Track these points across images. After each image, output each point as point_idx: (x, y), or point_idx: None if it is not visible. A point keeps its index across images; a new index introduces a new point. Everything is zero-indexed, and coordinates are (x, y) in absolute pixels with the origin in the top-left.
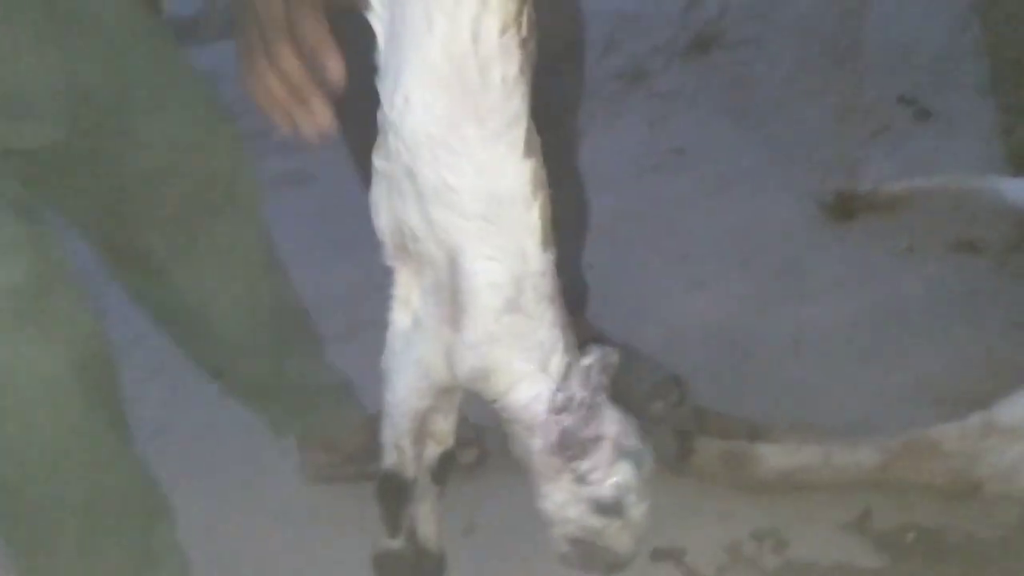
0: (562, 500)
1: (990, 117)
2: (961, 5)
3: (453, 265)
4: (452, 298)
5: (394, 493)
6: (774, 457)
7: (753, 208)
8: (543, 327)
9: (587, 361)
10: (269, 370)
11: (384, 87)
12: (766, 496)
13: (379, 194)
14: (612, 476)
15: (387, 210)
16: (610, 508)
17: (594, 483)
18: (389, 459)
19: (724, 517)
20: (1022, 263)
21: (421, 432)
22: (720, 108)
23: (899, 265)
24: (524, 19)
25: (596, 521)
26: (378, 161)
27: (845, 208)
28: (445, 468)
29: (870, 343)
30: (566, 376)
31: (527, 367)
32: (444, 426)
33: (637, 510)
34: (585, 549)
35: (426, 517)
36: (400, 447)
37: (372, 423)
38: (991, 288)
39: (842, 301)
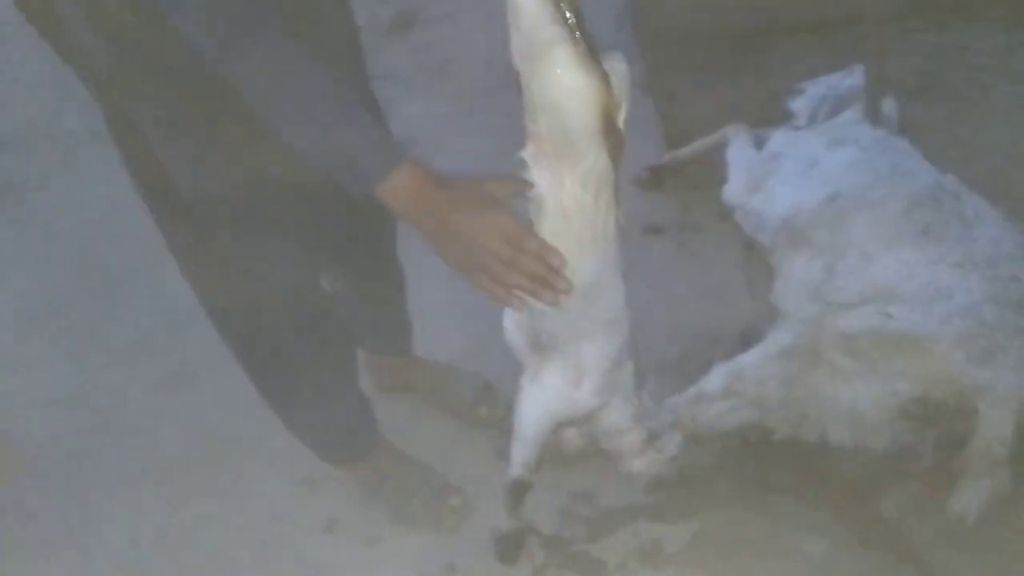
0: (646, 464)
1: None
2: (617, 5)
3: (578, 350)
4: (575, 368)
5: (520, 493)
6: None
7: None
8: (625, 372)
9: (649, 385)
10: None
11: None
12: (576, 465)
13: (516, 315)
14: (674, 441)
15: (526, 323)
16: (678, 456)
17: (667, 449)
18: (519, 472)
19: (551, 487)
20: (695, 240)
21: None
22: (436, 92)
23: None
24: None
25: (669, 468)
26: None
27: None
28: (540, 466)
29: None
30: (639, 397)
31: (616, 398)
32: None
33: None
34: (658, 479)
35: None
36: (527, 464)
37: None
38: (676, 265)
39: None
